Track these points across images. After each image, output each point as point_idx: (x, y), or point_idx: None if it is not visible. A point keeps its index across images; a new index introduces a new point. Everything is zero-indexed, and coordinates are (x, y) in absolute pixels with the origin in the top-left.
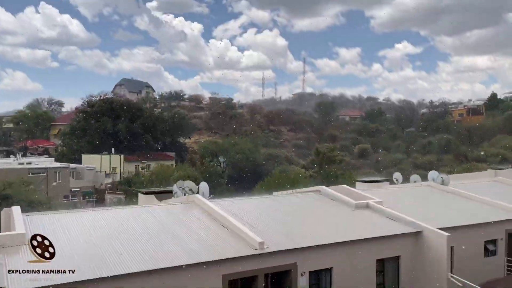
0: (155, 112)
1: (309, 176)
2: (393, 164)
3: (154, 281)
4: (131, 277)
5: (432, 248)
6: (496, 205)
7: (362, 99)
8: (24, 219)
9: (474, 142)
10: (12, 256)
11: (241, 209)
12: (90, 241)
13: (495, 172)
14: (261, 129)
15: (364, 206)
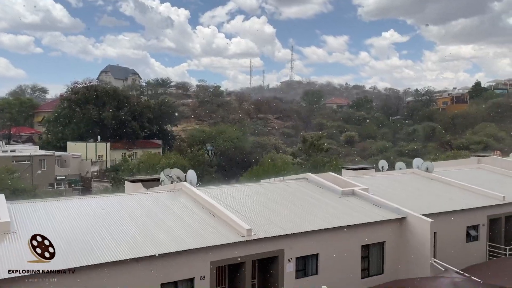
0: (142, 99)
1: (297, 164)
2: (379, 151)
3: (142, 268)
4: (118, 264)
5: (415, 233)
6: (478, 191)
7: (349, 87)
8: (9, 207)
9: (458, 130)
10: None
11: (228, 196)
12: (76, 229)
13: (478, 159)
14: (249, 117)
15: (350, 193)
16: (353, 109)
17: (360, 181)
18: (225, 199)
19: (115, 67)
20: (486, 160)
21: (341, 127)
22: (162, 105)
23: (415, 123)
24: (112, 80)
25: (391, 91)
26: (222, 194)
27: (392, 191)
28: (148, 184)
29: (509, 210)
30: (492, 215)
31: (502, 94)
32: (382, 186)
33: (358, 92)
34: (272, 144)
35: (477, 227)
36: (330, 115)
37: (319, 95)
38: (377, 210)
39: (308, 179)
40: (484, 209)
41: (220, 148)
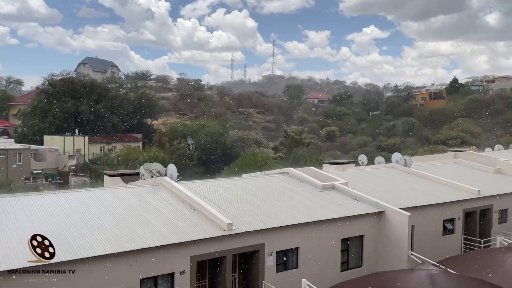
0: (121, 92)
1: (278, 158)
2: (359, 146)
3: (121, 263)
4: (97, 260)
5: (394, 227)
6: (455, 185)
7: (330, 82)
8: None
9: (436, 125)
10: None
11: (209, 191)
12: (53, 224)
13: (455, 154)
14: (230, 111)
15: (330, 187)
16: (334, 104)
17: (340, 175)
18: (205, 194)
19: (94, 59)
20: (462, 155)
21: (322, 121)
22: (142, 98)
23: (394, 118)
24: (91, 72)
25: (371, 86)
26: (202, 188)
27: (371, 185)
28: (128, 178)
29: (484, 204)
30: (467, 208)
31: (478, 91)
32: (362, 180)
33: (339, 87)
34: (254, 139)
35: (453, 220)
36: (311, 109)
37: (300, 90)
38: (356, 204)
39: (289, 173)
40: (460, 203)
41: (201, 142)
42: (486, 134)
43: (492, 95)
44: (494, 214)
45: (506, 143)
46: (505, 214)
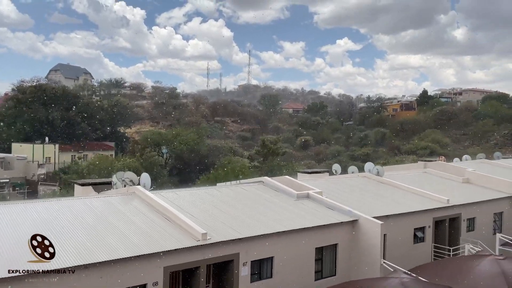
0: (94, 99)
1: (253, 167)
2: (333, 155)
3: (91, 275)
4: (66, 271)
5: (367, 235)
6: (425, 194)
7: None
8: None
9: (406, 135)
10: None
11: (184, 200)
12: (20, 234)
13: (425, 164)
14: (206, 120)
15: (305, 196)
16: (309, 114)
17: (314, 184)
18: (179, 203)
19: (66, 66)
20: (432, 165)
21: (297, 131)
22: (115, 106)
23: (367, 128)
24: (62, 79)
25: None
26: (176, 197)
27: (345, 194)
28: (100, 187)
29: (452, 213)
30: (437, 217)
31: (447, 102)
32: (336, 189)
33: (314, 98)
34: (229, 148)
35: (423, 229)
36: (286, 119)
37: (275, 99)
38: (330, 213)
39: (264, 182)
40: (430, 212)
41: (176, 151)
42: (454, 145)
43: (459, 107)
44: (462, 222)
45: (473, 154)
46: (473, 222)
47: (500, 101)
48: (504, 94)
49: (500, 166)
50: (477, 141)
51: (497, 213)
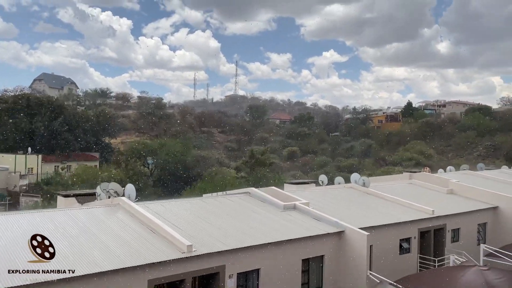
0: (78, 109)
1: (240, 178)
2: (319, 166)
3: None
4: (48, 285)
5: (353, 246)
6: (410, 205)
7: (291, 103)
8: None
9: (392, 147)
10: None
11: (169, 211)
12: (1, 247)
13: (410, 175)
14: (192, 130)
15: (291, 207)
16: (295, 125)
17: (301, 195)
18: (165, 214)
19: (50, 76)
20: (417, 176)
21: (284, 142)
22: (100, 116)
23: (353, 139)
24: (47, 89)
25: (330, 108)
26: (162, 209)
27: (331, 205)
28: (83, 199)
29: (437, 224)
30: (422, 228)
31: (431, 114)
32: (322, 200)
33: (300, 109)
34: (216, 158)
35: (409, 239)
36: (273, 130)
37: (262, 110)
38: (317, 224)
39: (251, 193)
40: (415, 223)
41: (161, 161)
42: (439, 156)
43: (443, 119)
44: (447, 233)
45: (457, 165)
46: (457, 233)
47: (483, 114)
48: (486, 107)
49: (483, 177)
50: (461, 152)
51: (481, 224)
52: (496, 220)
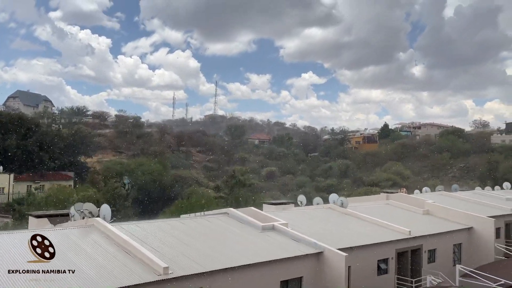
0: (53, 128)
1: (219, 198)
2: (298, 187)
3: None
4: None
5: (332, 267)
6: (387, 226)
7: (270, 123)
8: None
9: (369, 167)
10: None
11: (145, 232)
12: None
13: (387, 196)
14: (171, 150)
15: (270, 228)
16: (274, 145)
17: (280, 216)
18: (141, 236)
19: (25, 93)
20: (394, 197)
21: (263, 162)
22: (76, 135)
23: (331, 160)
24: (21, 106)
25: (309, 129)
26: (138, 230)
27: (310, 226)
28: (56, 219)
29: (414, 244)
30: (399, 248)
31: (407, 136)
32: (301, 221)
33: (279, 129)
34: (194, 178)
35: (386, 260)
36: (252, 150)
37: (242, 130)
38: (296, 244)
39: (229, 214)
40: (392, 243)
41: (138, 181)
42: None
43: (419, 140)
44: (423, 254)
45: (433, 186)
46: (433, 254)
47: (456, 136)
48: (460, 129)
49: (458, 198)
50: (436, 173)
51: (456, 244)
52: (470, 240)
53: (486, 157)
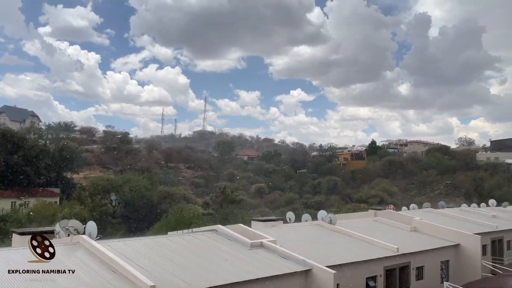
0: (40, 143)
1: (208, 215)
2: (287, 203)
3: None
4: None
5: (320, 285)
6: (376, 243)
7: (259, 140)
8: None
9: (357, 184)
10: None
11: (132, 250)
12: None
13: (375, 213)
14: (159, 166)
15: (258, 245)
16: (263, 161)
17: (268, 233)
18: (127, 253)
19: (12, 108)
20: (382, 213)
21: (252, 178)
22: (63, 150)
23: (319, 176)
24: (8, 121)
25: (298, 145)
26: (124, 247)
27: (299, 243)
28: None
29: (402, 261)
30: (388, 266)
31: (394, 153)
32: (290, 238)
33: (268, 145)
34: (182, 194)
35: (375, 278)
36: (241, 166)
37: (231, 146)
38: (284, 262)
39: (218, 231)
40: (381, 260)
41: (126, 198)
42: (402, 194)
43: (406, 157)
44: (412, 271)
45: (420, 203)
46: (421, 271)
47: (442, 153)
48: (445, 147)
49: (445, 215)
50: (423, 190)
51: (443, 261)
52: (458, 257)
53: (472, 174)
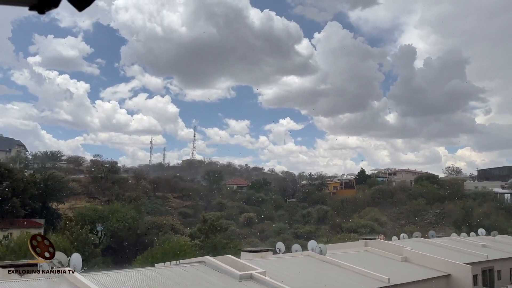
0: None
1: (195, 246)
2: (276, 233)
3: None
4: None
5: None
6: (367, 274)
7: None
8: None
9: (347, 213)
10: None
11: (117, 283)
12: None
13: (365, 242)
14: (147, 195)
15: (248, 277)
16: (252, 190)
17: (258, 264)
18: (113, 286)
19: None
20: (372, 243)
21: (241, 207)
22: (49, 180)
23: (309, 205)
24: None
25: (287, 174)
26: (110, 280)
27: (289, 274)
28: (23, 270)
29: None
30: None
31: (383, 182)
32: (280, 269)
33: (258, 174)
34: (169, 225)
35: None
36: (230, 195)
37: (220, 175)
38: None
39: (206, 262)
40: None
41: (112, 228)
42: (392, 223)
43: (395, 186)
44: None
45: (410, 232)
46: None
47: (431, 182)
48: (434, 175)
49: (435, 244)
50: (413, 219)
51: None
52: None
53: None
